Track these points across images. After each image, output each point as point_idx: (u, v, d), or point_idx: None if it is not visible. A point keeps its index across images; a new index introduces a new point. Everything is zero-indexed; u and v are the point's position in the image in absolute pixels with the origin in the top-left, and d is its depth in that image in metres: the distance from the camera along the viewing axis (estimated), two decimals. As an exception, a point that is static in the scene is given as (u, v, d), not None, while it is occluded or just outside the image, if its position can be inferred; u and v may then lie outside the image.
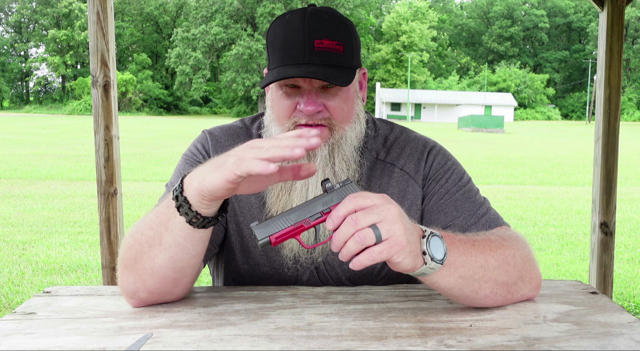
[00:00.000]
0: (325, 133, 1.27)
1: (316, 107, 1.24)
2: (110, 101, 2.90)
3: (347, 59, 1.25)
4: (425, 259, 1.01)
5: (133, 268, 1.13)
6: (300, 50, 1.21)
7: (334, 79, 1.20)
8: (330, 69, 1.21)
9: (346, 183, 1.04)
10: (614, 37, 3.09)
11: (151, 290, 1.14)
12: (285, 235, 0.99)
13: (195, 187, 1.00)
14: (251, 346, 0.99)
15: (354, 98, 1.32)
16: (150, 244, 1.10)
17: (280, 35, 1.25)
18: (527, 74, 71.01)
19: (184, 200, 1.02)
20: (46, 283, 4.62)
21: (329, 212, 1.01)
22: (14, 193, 9.16)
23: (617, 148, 3.18)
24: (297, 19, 1.23)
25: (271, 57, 1.27)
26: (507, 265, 1.15)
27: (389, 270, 1.37)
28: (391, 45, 70.24)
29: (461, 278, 1.08)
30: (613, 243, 3.24)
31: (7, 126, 29.10)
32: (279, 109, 1.29)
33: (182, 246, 1.08)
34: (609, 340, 1.02)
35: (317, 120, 1.26)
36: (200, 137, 1.43)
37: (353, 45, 1.27)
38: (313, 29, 1.22)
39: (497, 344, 1.00)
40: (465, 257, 1.09)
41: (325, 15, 1.24)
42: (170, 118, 53.98)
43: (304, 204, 1.02)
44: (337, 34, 1.23)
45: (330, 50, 1.22)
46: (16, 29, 74.26)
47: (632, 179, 12.14)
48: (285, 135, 0.95)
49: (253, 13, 63.12)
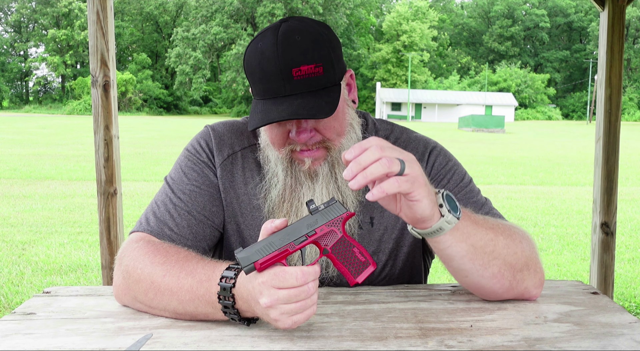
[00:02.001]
0: (322, 153, 1.27)
1: (308, 135, 1.24)
2: (110, 101, 2.90)
3: (329, 77, 1.21)
4: (442, 211, 1.04)
5: (142, 303, 1.15)
6: (280, 83, 1.18)
7: (320, 113, 1.16)
8: (314, 98, 1.18)
9: (330, 203, 1.03)
10: (614, 37, 3.09)
11: (155, 314, 1.16)
12: (269, 261, 0.98)
13: (245, 310, 1.04)
14: (251, 346, 0.99)
15: (344, 110, 1.29)
16: (176, 311, 1.11)
17: (255, 66, 1.21)
18: (527, 74, 70.96)
19: (235, 313, 1.05)
20: (46, 284, 4.61)
21: (314, 234, 1.01)
22: (14, 193, 9.16)
23: (618, 148, 3.18)
24: (269, 47, 1.18)
25: (253, 88, 1.25)
26: (515, 247, 1.16)
27: (389, 272, 1.37)
28: (392, 44, 70.21)
29: (473, 248, 1.10)
30: (614, 243, 3.24)
31: (6, 126, 29.10)
32: (272, 138, 1.28)
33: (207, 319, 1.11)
34: (609, 340, 1.01)
35: (312, 146, 1.26)
36: (203, 133, 1.42)
37: (332, 60, 1.22)
38: (287, 56, 1.17)
39: (497, 344, 0.99)
40: (478, 226, 1.11)
41: (297, 37, 1.18)
42: (170, 118, 53.99)
43: (288, 227, 1.01)
44: (314, 55, 1.18)
45: (310, 76, 1.18)
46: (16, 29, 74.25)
47: (632, 179, 12.13)
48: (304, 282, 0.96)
49: (253, 13, 63.10)
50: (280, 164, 1.29)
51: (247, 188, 1.36)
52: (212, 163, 1.37)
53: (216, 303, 1.05)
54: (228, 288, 1.03)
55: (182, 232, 1.28)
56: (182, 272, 1.11)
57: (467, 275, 1.14)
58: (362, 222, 1.34)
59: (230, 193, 1.36)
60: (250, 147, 1.39)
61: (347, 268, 1.02)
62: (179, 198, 1.31)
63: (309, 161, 1.27)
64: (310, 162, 1.27)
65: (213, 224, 1.34)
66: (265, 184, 1.33)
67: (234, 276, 1.04)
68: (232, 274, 1.04)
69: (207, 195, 1.33)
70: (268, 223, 1.01)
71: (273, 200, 1.31)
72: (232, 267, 1.06)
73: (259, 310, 0.99)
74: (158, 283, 1.11)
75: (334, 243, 1.02)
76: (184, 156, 1.39)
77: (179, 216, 1.29)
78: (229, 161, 1.37)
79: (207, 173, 1.36)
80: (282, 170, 1.29)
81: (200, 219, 1.31)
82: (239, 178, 1.36)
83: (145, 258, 1.16)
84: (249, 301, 1.01)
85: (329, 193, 1.27)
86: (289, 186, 1.29)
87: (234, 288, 1.03)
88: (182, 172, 1.36)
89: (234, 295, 1.03)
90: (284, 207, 1.29)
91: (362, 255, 1.03)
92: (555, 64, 79.13)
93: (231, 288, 1.03)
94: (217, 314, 1.07)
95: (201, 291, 1.07)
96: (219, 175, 1.36)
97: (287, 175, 1.28)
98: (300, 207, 1.28)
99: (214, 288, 1.05)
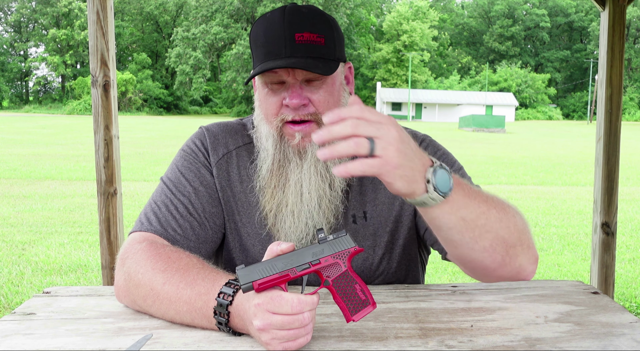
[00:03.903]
0: (313, 128, 1.27)
1: (301, 100, 1.25)
2: (110, 101, 2.90)
3: (330, 51, 1.26)
4: (427, 187, 0.99)
5: (140, 307, 1.15)
6: (282, 44, 1.22)
7: (315, 68, 1.20)
8: (312, 60, 1.22)
9: (340, 235, 1.01)
10: (615, 37, 3.09)
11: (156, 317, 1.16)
12: (269, 283, 0.97)
13: (240, 328, 1.03)
14: (251, 346, 0.99)
15: (340, 91, 1.32)
16: (173, 320, 1.11)
17: (261, 32, 1.26)
18: (528, 74, 70.94)
19: (228, 330, 1.04)
20: (46, 284, 4.62)
21: (317, 263, 0.99)
22: (14, 193, 9.16)
23: (619, 148, 3.18)
24: (277, 15, 1.25)
25: (254, 55, 1.28)
26: (508, 221, 1.14)
27: (385, 267, 1.37)
28: (392, 44, 70.20)
29: (462, 221, 1.07)
30: (614, 243, 3.23)
31: (6, 126, 29.10)
32: (266, 107, 1.30)
33: (203, 329, 1.10)
34: (610, 340, 1.01)
35: (303, 116, 1.26)
36: (198, 133, 1.43)
37: (335, 38, 1.28)
38: (293, 23, 1.23)
39: (498, 344, 0.99)
40: (470, 199, 1.08)
41: (304, 10, 1.26)
42: (170, 118, 53.97)
43: (293, 252, 1.00)
44: (317, 26, 1.25)
45: (312, 43, 1.23)
46: (16, 29, 74.25)
47: (633, 179, 12.13)
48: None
49: (253, 12, 63.10)
50: (271, 138, 1.30)
51: (243, 186, 1.36)
52: (208, 163, 1.38)
53: (211, 318, 1.04)
54: (225, 305, 1.02)
55: (186, 233, 1.28)
56: (182, 282, 1.10)
57: (456, 246, 1.13)
58: (356, 216, 1.35)
59: (227, 192, 1.36)
60: (245, 146, 1.40)
61: (346, 304, 1.00)
62: (179, 200, 1.31)
63: (299, 136, 1.27)
64: (300, 138, 1.27)
65: (214, 225, 1.34)
66: (259, 163, 1.33)
67: (232, 294, 1.02)
68: (231, 291, 1.03)
69: (206, 196, 1.34)
70: (274, 246, 1.00)
71: (263, 176, 1.31)
72: (231, 283, 1.05)
73: (252, 331, 0.98)
74: (157, 290, 1.11)
75: (337, 277, 1.00)
76: (180, 156, 1.40)
77: (181, 217, 1.29)
78: (224, 160, 1.38)
79: (204, 173, 1.36)
80: (272, 145, 1.30)
81: (201, 221, 1.31)
82: (234, 176, 1.37)
83: (147, 264, 1.16)
84: (244, 320, 1.00)
85: (317, 172, 1.27)
86: (277, 161, 1.29)
87: (231, 306, 1.02)
88: (179, 173, 1.36)
89: (229, 313, 1.02)
90: (272, 182, 1.30)
91: (364, 293, 1.01)
92: (555, 63, 79.11)
93: (228, 306, 1.02)
94: (213, 327, 1.06)
95: (199, 304, 1.06)
96: (215, 175, 1.36)
97: (276, 150, 1.29)
98: (287, 183, 1.28)
99: (211, 302, 1.04)
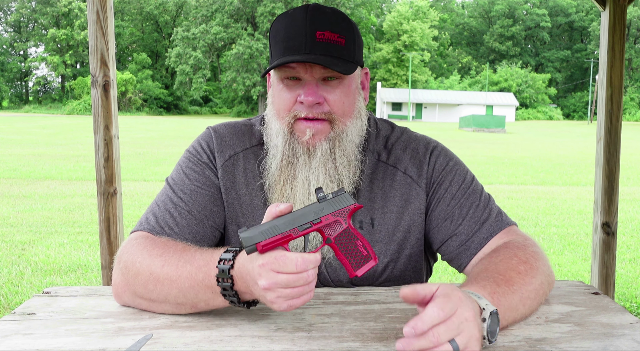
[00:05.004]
0: (325, 127, 1.27)
1: (316, 98, 1.24)
2: (110, 101, 2.89)
3: (349, 53, 1.26)
4: (484, 343, 0.95)
5: (142, 297, 1.15)
6: (302, 40, 1.22)
7: (333, 65, 1.20)
8: (331, 58, 1.22)
9: (339, 193, 1.03)
10: (615, 37, 3.08)
11: (155, 310, 1.16)
12: (272, 244, 0.98)
13: (244, 291, 1.03)
14: (252, 347, 0.99)
15: (355, 94, 1.31)
16: (176, 301, 1.11)
17: (282, 28, 1.26)
18: (528, 74, 70.91)
19: (234, 294, 1.04)
20: (46, 284, 4.61)
21: (319, 222, 1.01)
22: (13, 193, 9.15)
23: (619, 148, 3.17)
24: (299, 12, 1.25)
25: (273, 50, 1.27)
26: (536, 292, 1.14)
27: (389, 274, 1.36)
28: (392, 44, 70.18)
29: (506, 321, 1.05)
30: (615, 243, 3.23)
31: (6, 126, 29.10)
32: (280, 102, 1.28)
33: (208, 306, 1.11)
34: (611, 341, 1.01)
35: (317, 114, 1.25)
36: (205, 134, 1.42)
37: (355, 41, 1.28)
38: (315, 21, 1.23)
39: (498, 345, 0.99)
40: (510, 312, 1.05)
41: (328, 10, 1.26)
42: (170, 118, 53.97)
43: (294, 212, 1.01)
44: (339, 27, 1.24)
45: (332, 42, 1.23)
46: (15, 28, 74.23)
47: (634, 179, 12.12)
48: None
49: (253, 12, 63.10)
50: (281, 134, 1.29)
51: (249, 188, 1.36)
52: (213, 164, 1.37)
53: (215, 287, 1.05)
54: (226, 270, 1.03)
55: (182, 232, 1.28)
56: (180, 260, 1.11)
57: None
58: (363, 222, 1.34)
59: (231, 194, 1.36)
60: (252, 148, 1.39)
61: (348, 260, 1.03)
62: (180, 198, 1.31)
63: (310, 133, 1.26)
64: (310, 134, 1.26)
65: (214, 224, 1.33)
66: (268, 160, 1.33)
67: (232, 258, 1.04)
68: (231, 256, 1.05)
69: (207, 195, 1.33)
70: (272, 207, 1.01)
71: (273, 172, 1.31)
72: (230, 250, 1.06)
73: (257, 291, 1.00)
74: (157, 273, 1.12)
75: (338, 234, 1.02)
76: (185, 157, 1.40)
77: (179, 215, 1.29)
78: (230, 162, 1.37)
79: (208, 174, 1.36)
80: (282, 141, 1.29)
81: (200, 219, 1.31)
82: (240, 179, 1.36)
83: (144, 252, 1.17)
84: (248, 282, 1.01)
85: (325, 172, 1.27)
86: (286, 157, 1.29)
87: (233, 270, 1.03)
88: (182, 173, 1.36)
89: (232, 277, 1.03)
90: (280, 179, 1.29)
91: (365, 248, 1.03)
92: (556, 63, 79.09)
93: (229, 270, 1.03)
94: (217, 299, 1.07)
95: (200, 277, 1.07)
96: (220, 176, 1.36)
97: (286, 146, 1.29)
98: (295, 180, 1.28)
99: (212, 271, 1.06)
